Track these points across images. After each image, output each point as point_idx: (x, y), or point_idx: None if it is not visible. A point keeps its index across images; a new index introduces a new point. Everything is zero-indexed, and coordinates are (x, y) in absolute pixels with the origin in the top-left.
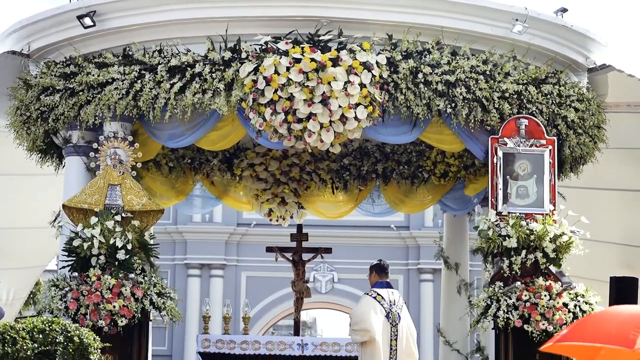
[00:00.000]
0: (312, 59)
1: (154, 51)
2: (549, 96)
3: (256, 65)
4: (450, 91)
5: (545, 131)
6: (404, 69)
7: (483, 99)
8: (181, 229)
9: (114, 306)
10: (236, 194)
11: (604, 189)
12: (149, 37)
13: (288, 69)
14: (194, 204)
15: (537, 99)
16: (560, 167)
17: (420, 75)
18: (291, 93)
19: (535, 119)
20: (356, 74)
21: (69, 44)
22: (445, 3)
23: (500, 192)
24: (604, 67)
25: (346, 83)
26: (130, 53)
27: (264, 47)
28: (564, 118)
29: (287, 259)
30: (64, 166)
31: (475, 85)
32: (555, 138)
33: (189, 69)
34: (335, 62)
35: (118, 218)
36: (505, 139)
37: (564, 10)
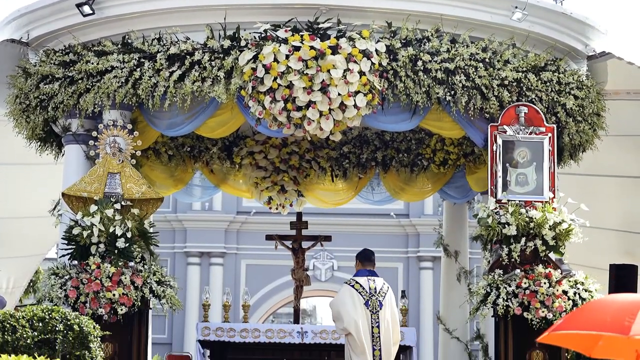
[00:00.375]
0: (312, 47)
1: (153, 39)
2: (548, 84)
3: (255, 53)
4: (449, 79)
5: (544, 119)
6: (403, 56)
7: (482, 87)
8: (181, 217)
9: (113, 294)
10: (236, 182)
11: (603, 175)
12: (148, 25)
13: (287, 56)
14: (193, 192)
15: (536, 86)
16: (560, 155)
17: (419, 63)
18: (290, 81)
19: (535, 106)
20: (355, 61)
21: (68, 32)
22: None
23: (500, 180)
24: (603, 54)
25: (345, 71)
26: (129, 41)
27: (263, 35)
28: (563, 105)
29: (286, 247)
30: (63, 154)
31: (475, 73)
32: (554, 126)
33: (188, 57)
34: (335, 50)
35: (117, 206)
36: (505, 126)
37: None
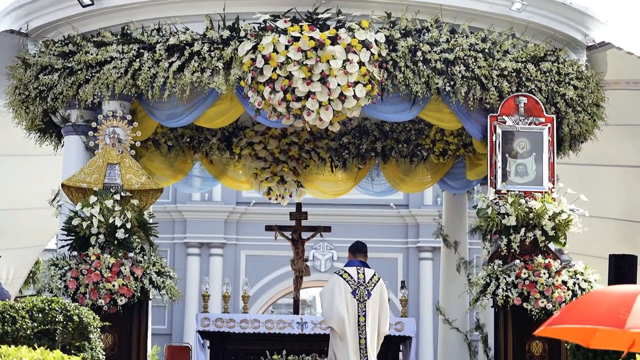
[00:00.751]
0: (311, 38)
1: (153, 30)
2: (547, 74)
3: (255, 43)
4: (449, 69)
5: (544, 109)
6: (402, 47)
7: (482, 77)
8: (180, 207)
9: (113, 285)
10: (235, 173)
11: (603, 165)
12: (147, 16)
13: (287, 47)
14: (193, 183)
15: (536, 76)
16: (560, 145)
17: (419, 54)
18: (290, 71)
19: (534, 96)
20: (355, 52)
21: (67, 23)
22: None
23: (500, 170)
24: (603, 44)
25: (345, 61)
26: (128, 32)
27: (262, 26)
28: (562, 96)
29: (286, 238)
30: (62, 145)
31: (474, 63)
32: (554, 116)
33: (187, 47)
34: (334, 40)
35: (117, 197)
36: (504, 117)
37: None
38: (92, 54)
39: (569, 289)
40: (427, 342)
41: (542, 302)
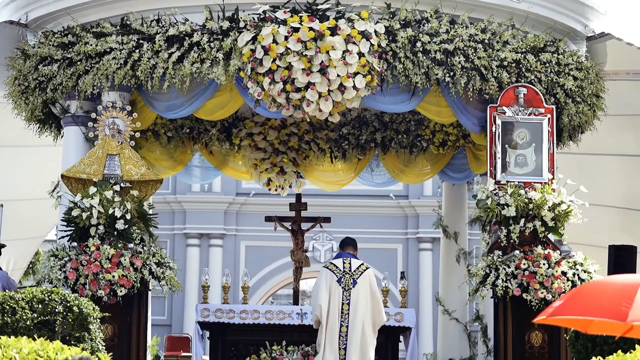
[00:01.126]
0: (311, 28)
1: (152, 21)
2: (547, 65)
3: (254, 34)
4: (448, 60)
5: (543, 100)
6: (402, 37)
7: (482, 68)
8: (180, 198)
9: (113, 276)
10: (235, 163)
11: (603, 154)
12: (146, 7)
13: (286, 38)
14: (193, 174)
15: (535, 67)
16: (559, 136)
17: (418, 44)
18: (289, 62)
19: (534, 87)
20: (354, 43)
21: (66, 14)
22: None
23: (499, 161)
24: (602, 35)
25: (344, 52)
26: (128, 22)
27: (262, 16)
28: (562, 86)
29: (286, 229)
30: (62, 136)
31: (474, 54)
32: (553, 107)
33: (187, 38)
34: (334, 31)
35: (117, 188)
36: (504, 107)
37: None
38: (91, 45)
39: (568, 279)
40: (426, 333)
41: (542, 293)
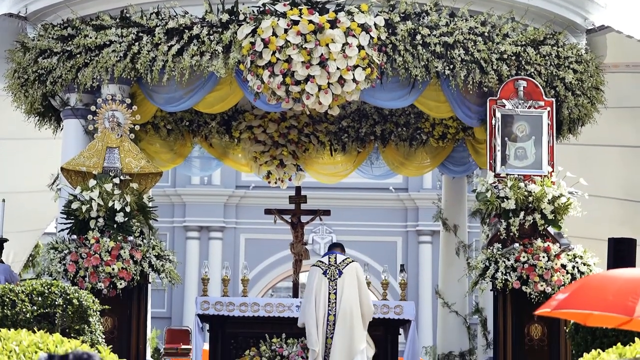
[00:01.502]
0: (310, 21)
1: (152, 13)
2: (547, 57)
3: (254, 27)
4: (448, 53)
5: (543, 92)
6: (402, 30)
7: (481, 61)
8: (180, 191)
9: (112, 269)
10: (235, 156)
11: (603, 145)
12: None
13: (286, 31)
14: (193, 166)
15: (535, 60)
16: (559, 129)
17: (418, 37)
18: (289, 55)
19: (534, 80)
20: (354, 35)
21: (66, 7)
22: None
23: (499, 154)
24: (602, 28)
25: (344, 45)
26: (127, 15)
27: (261, 9)
28: (562, 79)
29: (285, 221)
30: (62, 129)
31: (474, 47)
32: (553, 99)
33: (186, 31)
34: (333, 24)
35: (116, 181)
36: (504, 100)
37: None
38: (91, 38)
39: (568, 272)
40: (426, 326)
41: (541, 286)
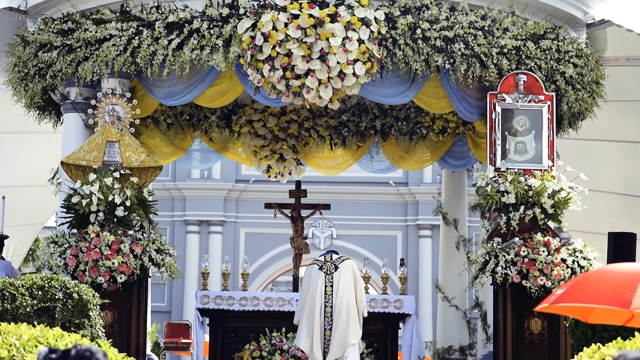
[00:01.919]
0: (310, 15)
1: (152, 7)
2: (547, 52)
3: (254, 21)
4: (448, 47)
5: (543, 87)
6: (402, 24)
7: (481, 55)
8: (180, 185)
9: (113, 263)
10: (235, 150)
11: (603, 140)
12: None
13: (286, 25)
14: (193, 159)
15: (535, 54)
16: (559, 123)
17: (418, 31)
18: (289, 49)
19: (534, 74)
20: (354, 30)
21: (66, 0)
22: None
23: (499, 148)
24: (602, 22)
25: (344, 39)
26: (127, 9)
27: (262, 3)
28: (562, 74)
29: (285, 216)
30: (62, 123)
31: (474, 41)
32: (553, 94)
33: (186, 25)
34: (334, 18)
35: (116, 175)
36: (504, 94)
37: None
38: (91, 32)
39: (568, 266)
40: (426, 320)
41: (541, 280)
